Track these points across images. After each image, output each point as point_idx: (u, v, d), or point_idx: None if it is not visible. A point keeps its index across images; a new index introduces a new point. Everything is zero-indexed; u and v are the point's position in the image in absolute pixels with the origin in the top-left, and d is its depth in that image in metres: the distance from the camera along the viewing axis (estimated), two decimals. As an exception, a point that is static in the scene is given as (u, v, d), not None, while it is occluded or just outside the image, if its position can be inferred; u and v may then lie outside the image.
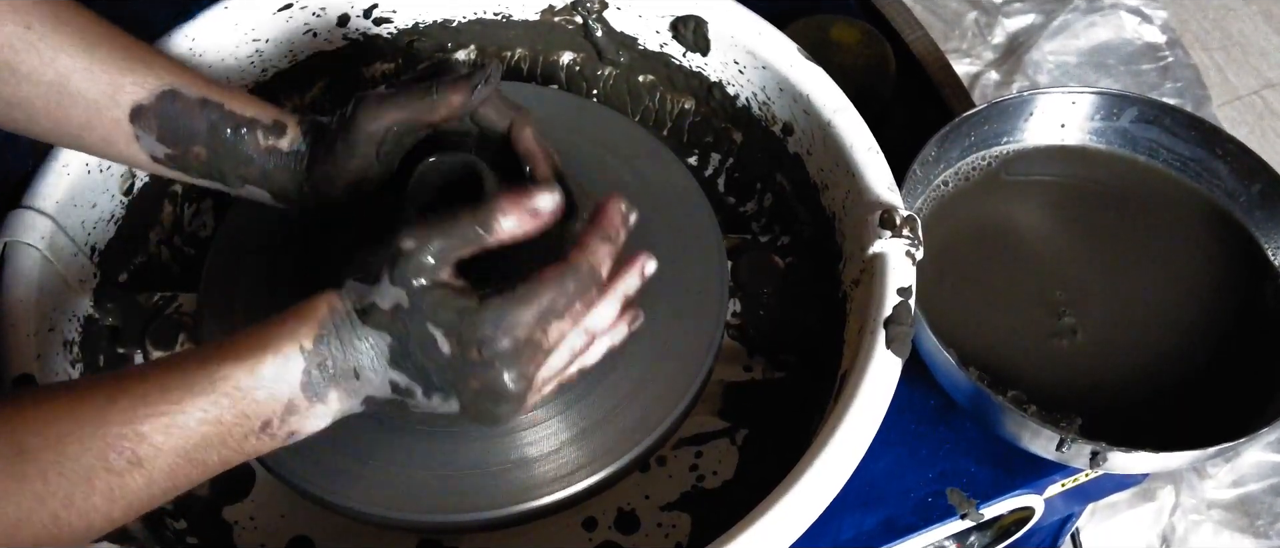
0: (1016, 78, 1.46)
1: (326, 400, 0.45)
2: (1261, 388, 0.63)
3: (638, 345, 0.58)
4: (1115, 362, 0.65)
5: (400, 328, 0.44)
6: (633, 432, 0.56)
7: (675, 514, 0.61)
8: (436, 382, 0.45)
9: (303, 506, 0.59)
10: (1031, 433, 0.59)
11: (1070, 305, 0.67)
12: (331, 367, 0.44)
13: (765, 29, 0.66)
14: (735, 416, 0.64)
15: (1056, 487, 0.69)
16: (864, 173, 0.60)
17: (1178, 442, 0.57)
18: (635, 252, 0.48)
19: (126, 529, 0.52)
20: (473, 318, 0.43)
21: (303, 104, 0.72)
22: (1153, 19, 1.53)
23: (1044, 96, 0.72)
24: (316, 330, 0.44)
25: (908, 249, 0.57)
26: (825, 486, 0.50)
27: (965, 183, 0.72)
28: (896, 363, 0.54)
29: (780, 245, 0.68)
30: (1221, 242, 0.69)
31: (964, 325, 0.65)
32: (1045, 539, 0.89)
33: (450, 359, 0.44)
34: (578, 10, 0.70)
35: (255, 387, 0.43)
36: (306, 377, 0.44)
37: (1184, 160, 0.72)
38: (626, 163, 0.65)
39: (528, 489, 0.54)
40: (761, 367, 0.65)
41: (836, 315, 0.62)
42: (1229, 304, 0.67)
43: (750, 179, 0.73)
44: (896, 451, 0.66)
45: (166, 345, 0.63)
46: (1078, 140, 0.73)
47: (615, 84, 0.74)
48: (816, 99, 0.64)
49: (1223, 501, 1.20)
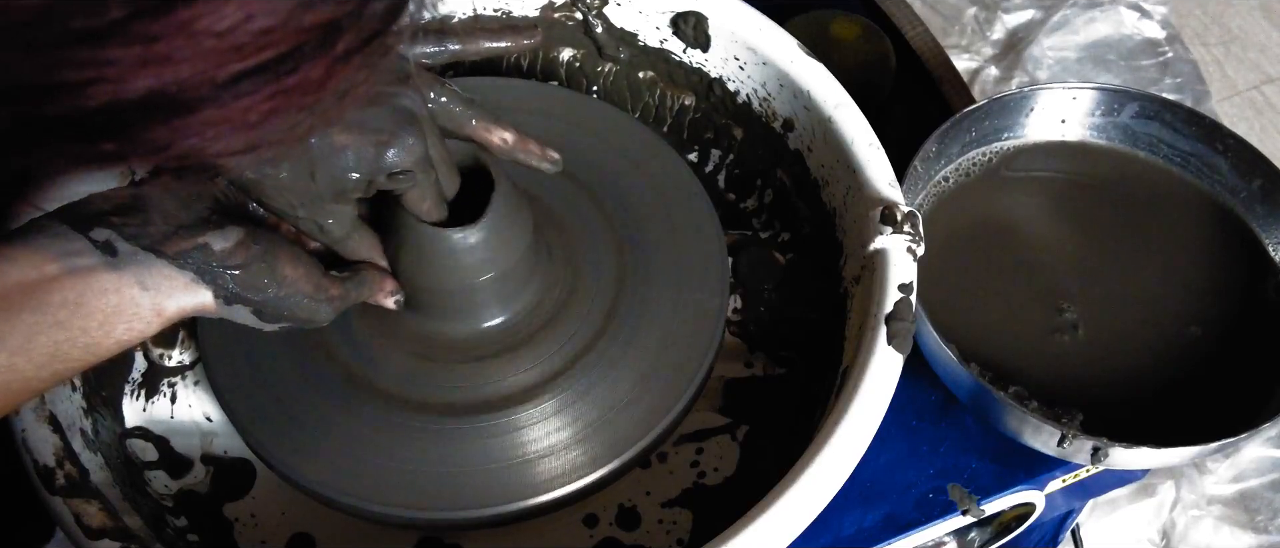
0: (1016, 73, 1.46)
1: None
2: (1262, 383, 0.63)
3: (639, 343, 0.58)
4: (1116, 357, 0.65)
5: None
6: (634, 428, 0.55)
7: (676, 511, 0.61)
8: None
9: (303, 503, 0.59)
10: (1033, 429, 0.59)
11: (1071, 301, 0.67)
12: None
13: (765, 25, 0.66)
14: (736, 412, 0.64)
15: (1057, 482, 0.69)
16: (865, 169, 0.60)
17: (1178, 437, 0.57)
18: None
19: (127, 528, 0.52)
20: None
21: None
22: (1152, 14, 1.53)
23: (1044, 92, 0.72)
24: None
25: (909, 245, 0.57)
26: (826, 482, 0.50)
27: (966, 179, 0.72)
28: (897, 359, 0.54)
29: (781, 242, 0.68)
30: (1222, 237, 0.69)
31: (965, 321, 0.65)
32: (1046, 535, 0.88)
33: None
34: (577, 6, 0.70)
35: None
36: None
37: (1184, 156, 0.71)
38: (627, 159, 0.65)
39: (528, 486, 0.54)
40: (762, 363, 0.65)
41: (837, 312, 0.62)
42: (1229, 299, 0.67)
43: (751, 175, 0.73)
44: (897, 447, 0.66)
45: (167, 343, 0.63)
46: (1078, 136, 0.73)
47: (615, 80, 0.74)
48: (817, 95, 0.64)
49: (1223, 496, 1.20)
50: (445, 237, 0.51)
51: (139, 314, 0.44)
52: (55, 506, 0.51)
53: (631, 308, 0.59)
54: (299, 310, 0.48)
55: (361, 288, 0.52)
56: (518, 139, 0.55)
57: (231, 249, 0.45)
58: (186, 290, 0.45)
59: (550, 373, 0.56)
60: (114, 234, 0.44)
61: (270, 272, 0.47)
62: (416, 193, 0.50)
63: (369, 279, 0.52)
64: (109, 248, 0.43)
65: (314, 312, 0.49)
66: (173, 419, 0.62)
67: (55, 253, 0.43)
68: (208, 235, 0.45)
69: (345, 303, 0.51)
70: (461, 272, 0.54)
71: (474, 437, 0.55)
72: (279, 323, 0.49)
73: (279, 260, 0.47)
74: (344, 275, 0.51)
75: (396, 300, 0.54)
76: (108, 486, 0.54)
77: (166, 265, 0.44)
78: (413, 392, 0.56)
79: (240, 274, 0.46)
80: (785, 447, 0.59)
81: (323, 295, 0.49)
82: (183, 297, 0.45)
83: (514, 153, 0.55)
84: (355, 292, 0.51)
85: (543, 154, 0.56)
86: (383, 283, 0.53)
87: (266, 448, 0.55)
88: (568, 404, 0.56)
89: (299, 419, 0.55)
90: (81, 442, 0.55)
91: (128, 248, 0.44)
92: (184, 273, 0.45)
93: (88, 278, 0.43)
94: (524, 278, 0.57)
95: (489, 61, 0.74)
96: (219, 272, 0.45)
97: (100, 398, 0.60)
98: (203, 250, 0.45)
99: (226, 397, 0.56)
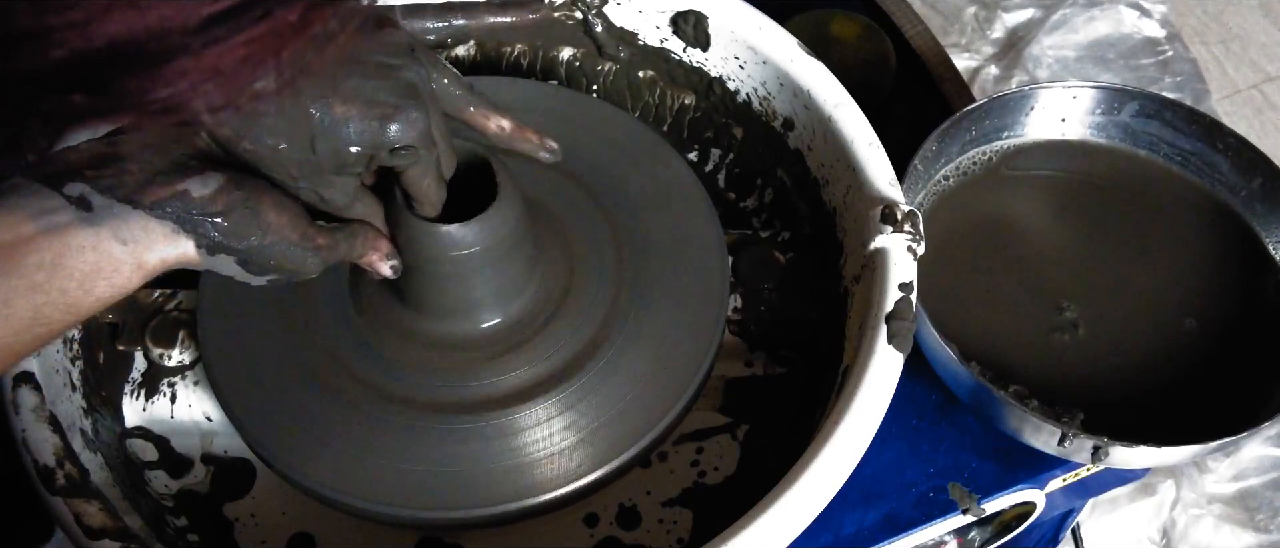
0: (1016, 72, 1.46)
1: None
2: (1262, 382, 0.63)
3: (640, 342, 0.58)
4: (1116, 356, 0.65)
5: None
6: (634, 427, 0.55)
7: (677, 510, 0.61)
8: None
9: (303, 502, 0.59)
10: (1033, 428, 0.59)
11: (1071, 300, 0.67)
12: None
13: (765, 24, 0.66)
14: (736, 411, 0.64)
15: (1058, 482, 0.69)
16: (865, 168, 0.60)
17: (1179, 436, 0.57)
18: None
19: (127, 528, 0.52)
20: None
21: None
22: (1152, 13, 1.53)
23: (1044, 91, 0.72)
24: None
25: (909, 244, 0.57)
26: (827, 481, 0.50)
27: (966, 178, 0.72)
28: (898, 358, 0.54)
29: (781, 241, 0.68)
30: (1222, 236, 0.69)
31: (965, 321, 0.65)
32: (1046, 534, 0.89)
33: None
34: (578, 6, 0.70)
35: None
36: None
37: (1184, 155, 0.71)
38: (627, 159, 0.65)
39: (529, 486, 0.54)
40: (763, 362, 0.65)
41: (838, 311, 0.62)
42: (1230, 298, 0.67)
43: (751, 174, 0.73)
44: (898, 446, 0.66)
45: (167, 343, 0.63)
46: (1078, 135, 0.73)
47: (615, 80, 0.74)
48: (817, 94, 0.64)
49: (1223, 495, 1.20)
50: (446, 235, 0.51)
51: (119, 270, 0.43)
52: (55, 506, 0.51)
53: (631, 307, 0.59)
54: (286, 260, 0.46)
55: (352, 242, 0.49)
56: (515, 127, 0.53)
57: (211, 196, 0.43)
58: (167, 241, 0.43)
59: (550, 373, 0.56)
60: (88, 188, 0.41)
61: (254, 218, 0.44)
62: (417, 170, 0.48)
63: (362, 235, 0.50)
64: (84, 203, 0.41)
65: (301, 261, 0.47)
66: (173, 419, 0.62)
67: (30, 212, 0.41)
68: (187, 182, 0.43)
69: (335, 254, 0.48)
70: (462, 270, 0.54)
71: (474, 436, 0.55)
72: (266, 275, 0.47)
73: (263, 206, 0.45)
74: (333, 226, 0.49)
75: (392, 266, 0.51)
76: (108, 485, 0.54)
77: (144, 217, 0.42)
78: (414, 391, 0.56)
79: (222, 222, 0.44)
80: (786, 446, 0.59)
81: (310, 244, 0.47)
82: (164, 248, 0.43)
83: (511, 141, 0.54)
84: (345, 245, 0.49)
85: (541, 143, 0.54)
86: (377, 243, 0.51)
87: (266, 448, 0.55)
88: (568, 404, 0.56)
89: (299, 419, 0.55)
90: (82, 442, 0.55)
91: (103, 201, 0.42)
92: (163, 223, 0.43)
93: (64, 236, 0.41)
94: (524, 277, 0.57)
95: (488, 60, 0.74)
96: (200, 220, 0.43)
97: (100, 398, 0.60)
98: (182, 198, 0.43)
99: (226, 397, 0.56)
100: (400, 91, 0.45)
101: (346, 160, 0.45)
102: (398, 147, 0.45)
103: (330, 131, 0.44)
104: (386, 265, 0.51)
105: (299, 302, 0.59)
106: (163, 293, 0.64)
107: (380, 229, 0.51)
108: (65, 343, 0.59)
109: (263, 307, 0.59)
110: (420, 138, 0.46)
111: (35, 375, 0.55)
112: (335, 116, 0.43)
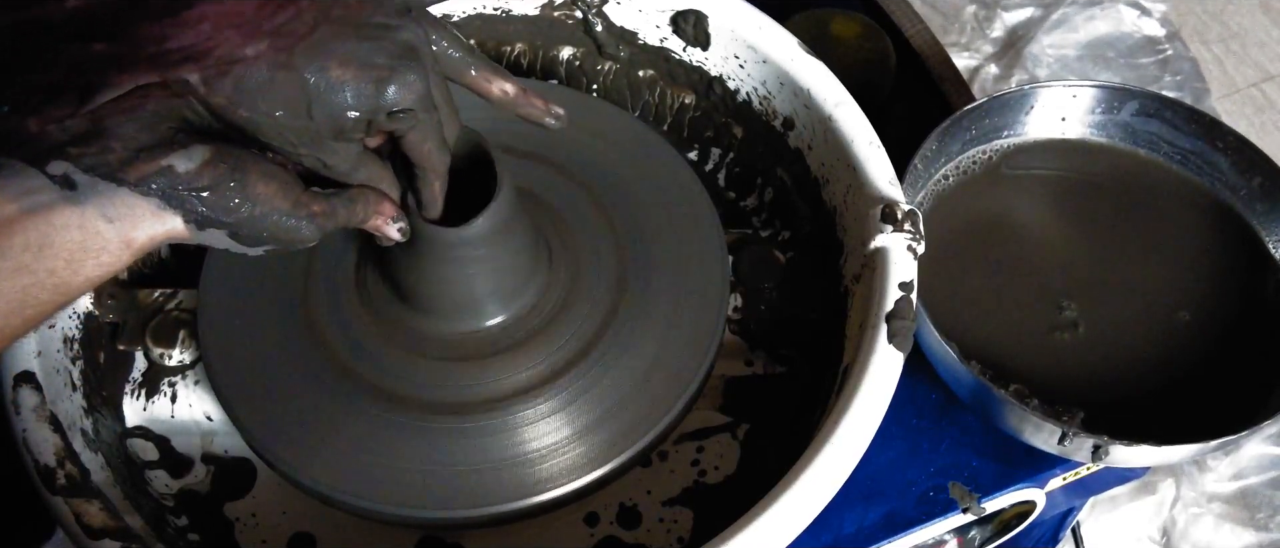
0: (1016, 71, 1.46)
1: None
2: (1262, 381, 0.63)
3: (639, 342, 0.58)
4: (1117, 355, 0.65)
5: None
6: (634, 427, 0.55)
7: (677, 510, 0.61)
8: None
9: (304, 502, 0.59)
10: (1033, 427, 0.59)
11: (1072, 299, 0.67)
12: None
13: (766, 23, 0.66)
14: (737, 410, 0.64)
15: (1058, 480, 0.69)
16: (865, 167, 0.60)
17: (1179, 435, 0.57)
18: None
19: (128, 528, 0.52)
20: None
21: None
22: (1152, 12, 1.53)
23: (1044, 90, 0.72)
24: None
25: (909, 244, 0.57)
26: (827, 481, 0.50)
27: (966, 177, 0.72)
28: (898, 358, 0.54)
29: (781, 240, 0.68)
30: (1222, 235, 0.69)
31: (965, 320, 0.65)
32: (1046, 533, 0.89)
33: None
34: (578, 5, 0.70)
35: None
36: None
37: (1184, 154, 0.71)
38: (627, 158, 0.65)
39: (530, 485, 0.54)
40: (763, 362, 0.65)
41: (838, 310, 0.62)
42: (1230, 297, 0.67)
43: (751, 174, 0.73)
44: (898, 445, 0.66)
45: (168, 343, 0.63)
46: (1078, 134, 0.73)
47: (615, 79, 0.74)
48: (817, 93, 0.64)
49: (1223, 494, 1.20)
50: (446, 233, 0.51)
51: (107, 248, 0.42)
52: (56, 505, 0.51)
53: (631, 307, 0.59)
54: (279, 230, 0.45)
55: (353, 207, 0.48)
56: (519, 91, 0.52)
57: (197, 170, 0.42)
58: (154, 218, 0.42)
59: (551, 372, 0.56)
60: (71, 166, 0.40)
61: (241, 190, 0.43)
62: (417, 134, 0.47)
63: (364, 200, 0.48)
64: (67, 182, 0.40)
65: (295, 231, 0.45)
66: (173, 419, 0.62)
67: (12, 194, 0.40)
68: (171, 157, 0.41)
69: (332, 221, 0.47)
70: (462, 269, 0.54)
71: (475, 435, 0.55)
72: (260, 246, 0.45)
73: (249, 177, 0.43)
74: (330, 192, 0.47)
75: (401, 228, 0.50)
76: (108, 485, 0.54)
77: (129, 193, 0.41)
78: (414, 391, 0.56)
79: (208, 195, 0.42)
80: (786, 445, 0.59)
81: (303, 212, 0.45)
82: (151, 225, 0.42)
83: (515, 105, 0.52)
84: (344, 210, 0.47)
85: (547, 108, 0.53)
86: (381, 205, 0.49)
87: (267, 447, 0.55)
88: (568, 403, 0.56)
89: (299, 418, 0.55)
90: (82, 441, 0.55)
91: (86, 179, 0.41)
92: (149, 199, 0.42)
93: (48, 216, 0.40)
94: (524, 276, 0.57)
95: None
96: (186, 195, 0.42)
97: (101, 398, 0.60)
98: (166, 173, 0.41)
99: (227, 396, 0.56)
100: (397, 53, 0.44)
101: (344, 125, 0.44)
102: (396, 110, 0.44)
103: (326, 96, 0.43)
104: (394, 228, 0.50)
105: (300, 301, 0.59)
106: (163, 293, 0.64)
107: (386, 193, 0.50)
108: (66, 343, 0.59)
109: (263, 306, 0.59)
110: (419, 101, 0.45)
111: (36, 375, 0.55)
112: (331, 81, 0.43)
